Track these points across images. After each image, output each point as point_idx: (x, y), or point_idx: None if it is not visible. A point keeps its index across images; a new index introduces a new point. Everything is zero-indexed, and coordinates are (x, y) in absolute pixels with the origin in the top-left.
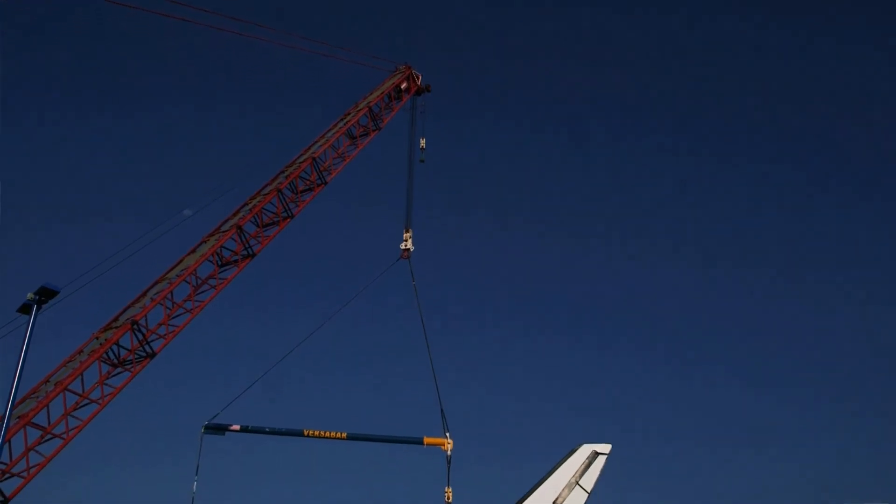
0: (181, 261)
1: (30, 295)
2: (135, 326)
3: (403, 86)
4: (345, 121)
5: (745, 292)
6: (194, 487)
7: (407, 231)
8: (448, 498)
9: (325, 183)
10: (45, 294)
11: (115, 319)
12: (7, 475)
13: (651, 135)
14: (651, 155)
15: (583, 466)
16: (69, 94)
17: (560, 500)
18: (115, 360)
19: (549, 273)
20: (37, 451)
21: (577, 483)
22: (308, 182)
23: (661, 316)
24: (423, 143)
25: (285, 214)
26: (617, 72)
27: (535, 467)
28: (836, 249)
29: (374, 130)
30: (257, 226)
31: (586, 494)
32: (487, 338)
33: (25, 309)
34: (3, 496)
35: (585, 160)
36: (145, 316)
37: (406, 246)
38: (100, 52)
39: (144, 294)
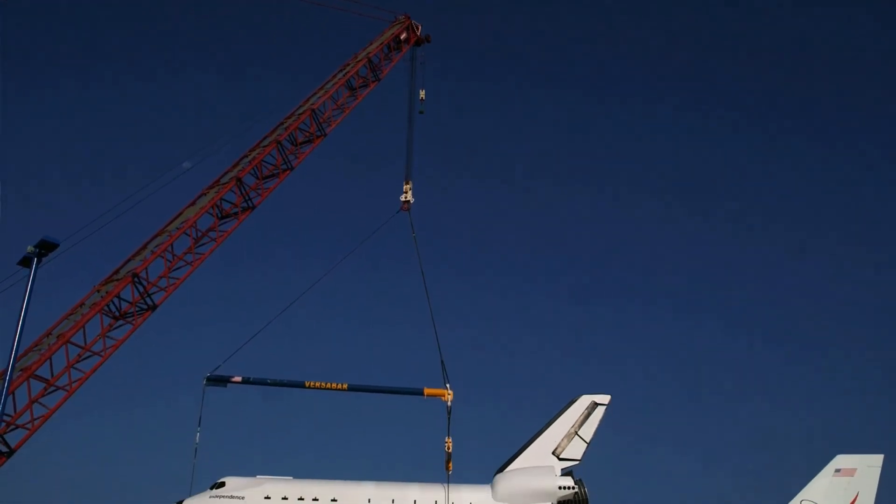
0: (181, 213)
1: (30, 248)
2: (135, 279)
3: (403, 36)
4: (344, 72)
5: (742, 244)
6: (197, 438)
7: (407, 183)
8: (448, 448)
9: (325, 135)
10: (45, 247)
11: (116, 272)
12: (12, 427)
13: (642, 83)
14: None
15: (582, 417)
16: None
17: (559, 449)
18: (117, 313)
19: (548, 226)
20: (40, 404)
21: (577, 433)
22: (307, 134)
23: (659, 267)
24: (422, 94)
25: (285, 166)
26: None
27: (535, 418)
28: (836, 205)
29: (373, 81)
30: (257, 178)
31: (585, 444)
32: (488, 290)
33: (26, 262)
34: (9, 447)
35: (588, 112)
36: (146, 269)
37: (406, 198)
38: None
39: (145, 247)
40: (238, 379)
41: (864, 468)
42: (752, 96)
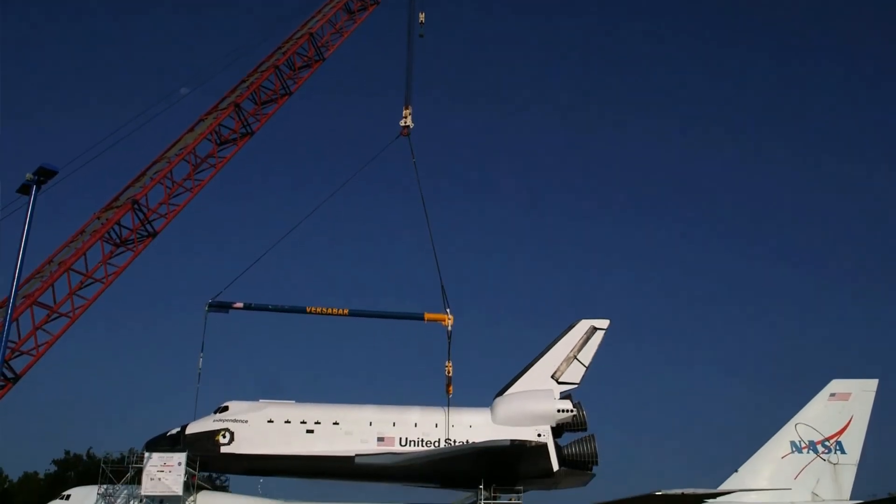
0: (180, 140)
1: (29, 175)
2: (135, 206)
3: None
4: None
5: (743, 159)
6: (200, 363)
7: (407, 108)
8: (448, 372)
9: (324, 59)
10: (44, 174)
11: (116, 199)
12: (17, 353)
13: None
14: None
15: (581, 341)
16: None
17: (559, 374)
18: (118, 240)
19: (548, 150)
20: (44, 330)
21: (576, 357)
22: (306, 58)
23: (658, 187)
24: (422, 17)
25: (283, 91)
26: None
27: (534, 342)
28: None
29: (372, 4)
30: (255, 103)
31: (584, 368)
32: (488, 214)
33: (25, 189)
34: (14, 373)
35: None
36: (146, 195)
37: (406, 123)
38: None
39: (144, 173)
40: (240, 305)
41: (859, 393)
42: None
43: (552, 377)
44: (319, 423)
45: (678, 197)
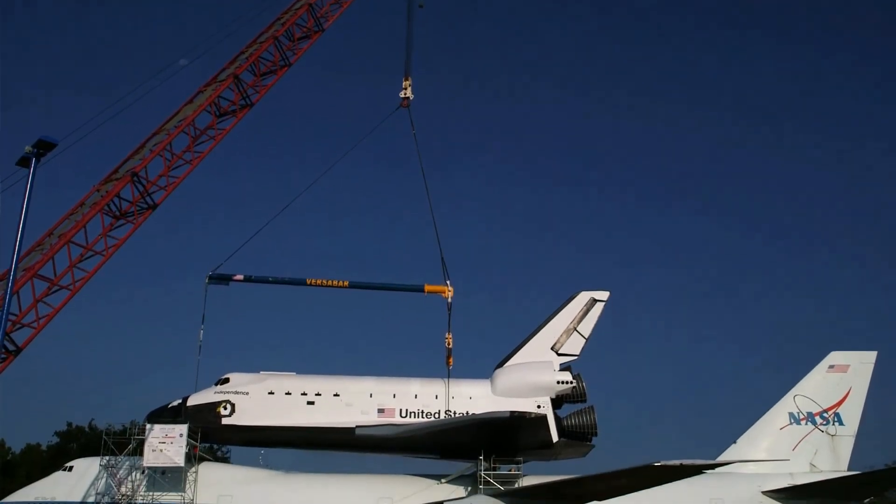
0: (179, 111)
1: (28, 148)
2: (135, 178)
3: None
4: None
5: (743, 137)
6: (201, 336)
7: (406, 79)
8: (448, 343)
9: (323, 30)
10: (43, 147)
11: (115, 171)
12: (18, 326)
13: None
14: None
15: (581, 313)
16: None
17: (558, 345)
18: (117, 212)
19: (547, 122)
20: (45, 303)
21: (576, 329)
22: (305, 29)
23: (658, 162)
24: None
25: (283, 63)
26: None
27: (534, 314)
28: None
29: None
30: (255, 75)
31: (584, 340)
32: (488, 187)
33: (24, 162)
34: (16, 346)
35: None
36: (145, 167)
37: (406, 94)
38: None
39: (143, 146)
40: (240, 277)
41: (857, 365)
42: None
43: (552, 349)
44: (320, 394)
45: (678, 173)
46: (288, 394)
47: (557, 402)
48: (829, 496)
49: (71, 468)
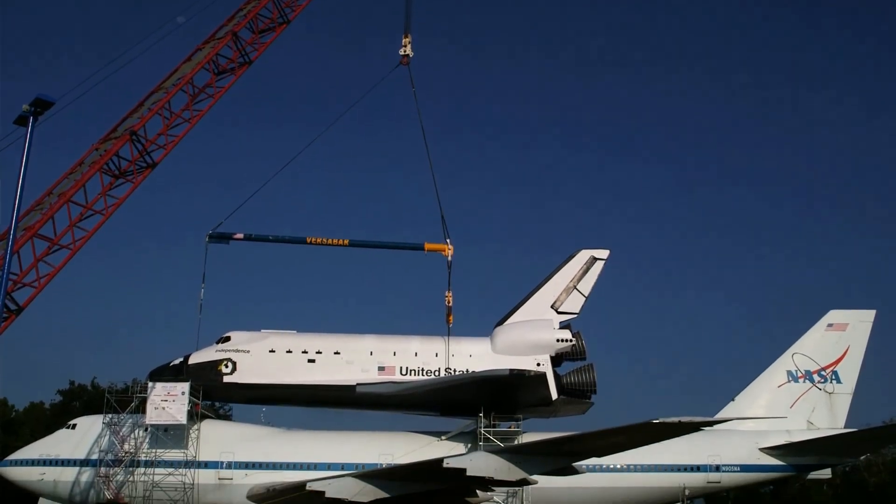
0: (177, 69)
1: (25, 107)
2: (134, 137)
3: None
4: None
5: (744, 95)
6: (201, 294)
7: (406, 36)
8: (448, 302)
9: None
10: (41, 105)
11: (114, 130)
12: (19, 285)
13: None
14: None
15: (581, 271)
16: None
17: (558, 304)
18: (117, 171)
19: (547, 80)
20: (45, 262)
21: (576, 287)
22: None
23: (659, 121)
24: None
25: (281, 20)
26: None
27: (534, 272)
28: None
29: None
30: (253, 32)
31: (584, 298)
32: (488, 144)
33: (22, 121)
34: (17, 305)
35: None
36: (144, 126)
37: (405, 52)
38: None
39: (141, 104)
40: (240, 236)
41: (856, 323)
42: None
43: (552, 307)
44: (321, 352)
45: (679, 131)
46: (289, 352)
47: (557, 359)
48: (825, 453)
49: (74, 426)
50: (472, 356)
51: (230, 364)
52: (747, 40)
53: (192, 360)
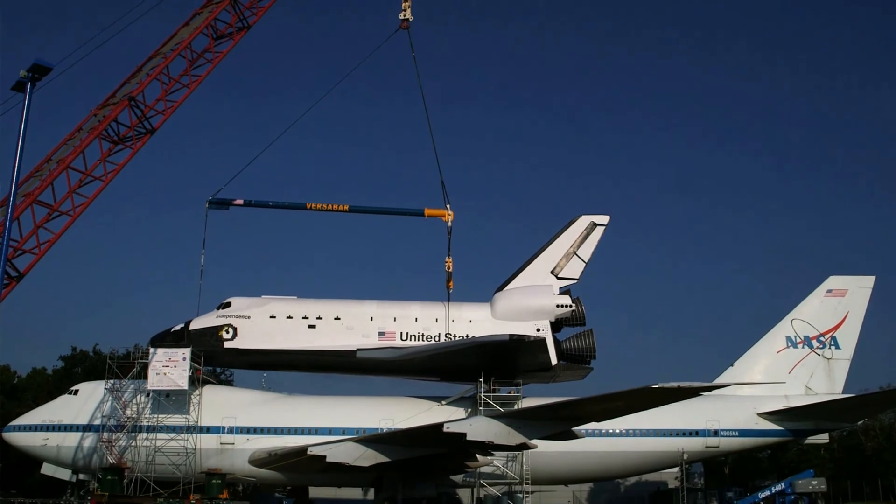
0: (175, 34)
1: (23, 72)
2: (132, 103)
3: None
4: None
5: (744, 60)
6: (202, 260)
7: (406, 0)
8: (448, 267)
9: None
10: (39, 71)
11: (112, 96)
12: (20, 252)
13: None
14: None
15: (581, 237)
16: None
17: (558, 269)
18: (116, 137)
19: (547, 46)
20: (45, 229)
21: (575, 253)
22: None
23: (659, 87)
24: None
25: None
26: None
27: (534, 237)
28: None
29: None
30: None
31: (584, 264)
32: (488, 109)
33: (19, 87)
34: (18, 271)
35: None
36: (142, 92)
37: (405, 16)
38: None
39: (140, 69)
40: (240, 202)
41: (855, 289)
42: None
43: (552, 272)
44: (321, 318)
45: (678, 95)
46: (289, 317)
47: (557, 325)
48: (823, 418)
49: (76, 392)
50: (472, 322)
51: (231, 330)
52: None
53: (193, 325)
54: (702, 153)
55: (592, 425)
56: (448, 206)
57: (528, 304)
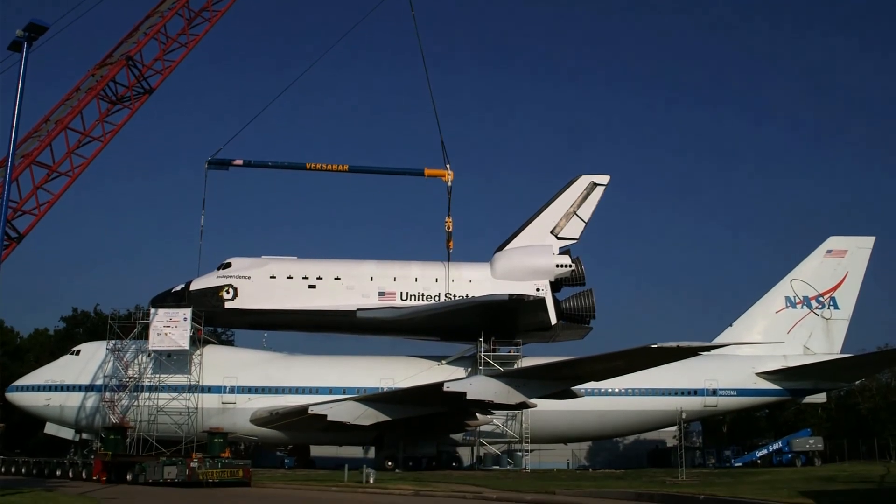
0: None
1: (19, 32)
2: (130, 62)
3: None
4: None
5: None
6: (202, 221)
7: None
8: (448, 227)
9: None
10: (35, 31)
11: (110, 55)
12: (19, 213)
13: None
14: None
15: (581, 197)
16: None
17: (558, 229)
18: (114, 97)
19: (547, 8)
20: (45, 189)
21: (575, 213)
22: None
23: (660, 49)
24: None
25: None
26: None
27: (534, 197)
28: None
29: None
30: None
31: (584, 224)
32: (488, 68)
33: (16, 46)
34: (18, 233)
35: None
36: (140, 51)
37: None
38: None
39: (137, 29)
40: (239, 162)
41: (855, 250)
42: None
43: (551, 232)
44: (321, 278)
45: (680, 55)
46: (289, 277)
47: (556, 285)
48: (821, 378)
49: (78, 352)
50: (471, 281)
51: (231, 290)
52: None
53: (194, 286)
54: (703, 113)
55: (592, 384)
56: (448, 165)
57: (528, 264)
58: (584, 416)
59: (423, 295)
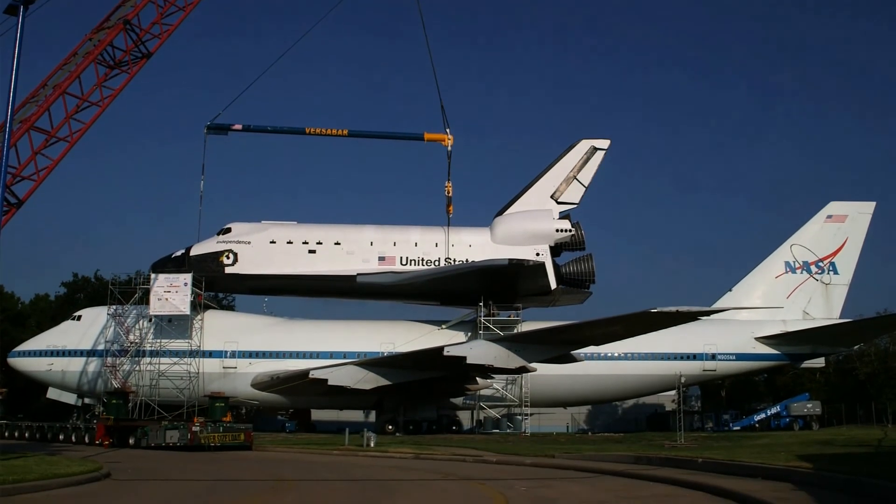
0: None
1: None
2: (127, 26)
3: None
4: None
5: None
6: (201, 186)
7: None
8: (448, 192)
9: None
10: None
11: (107, 19)
12: (18, 179)
13: None
14: None
15: (581, 161)
16: None
17: (558, 194)
18: (112, 62)
19: None
20: (44, 155)
21: (576, 178)
22: None
23: (661, 20)
24: None
25: None
26: None
27: (534, 162)
28: None
29: None
30: None
31: (584, 189)
32: (488, 33)
33: (12, 10)
34: (17, 198)
35: None
36: (137, 15)
37: None
38: None
39: None
40: (238, 127)
41: (855, 215)
42: None
43: (551, 197)
44: (321, 243)
45: (682, 22)
46: (289, 242)
47: (556, 249)
48: (819, 342)
49: (79, 317)
50: (471, 246)
51: (231, 255)
52: None
53: (194, 251)
54: (704, 80)
55: (591, 349)
56: (448, 130)
57: (528, 229)
58: (584, 381)
59: (422, 260)
